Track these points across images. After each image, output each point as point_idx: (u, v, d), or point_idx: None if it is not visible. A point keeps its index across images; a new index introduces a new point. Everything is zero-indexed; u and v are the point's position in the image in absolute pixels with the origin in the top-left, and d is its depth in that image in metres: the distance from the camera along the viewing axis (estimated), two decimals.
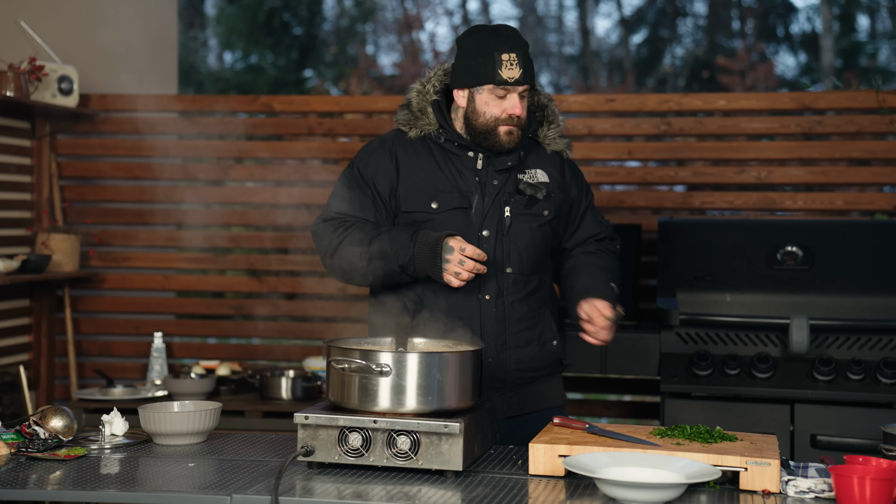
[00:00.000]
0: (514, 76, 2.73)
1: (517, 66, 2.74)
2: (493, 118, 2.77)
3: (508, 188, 2.83)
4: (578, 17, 17.66)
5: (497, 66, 2.73)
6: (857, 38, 16.14)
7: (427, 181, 2.82)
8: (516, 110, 2.76)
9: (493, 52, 2.74)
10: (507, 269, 2.81)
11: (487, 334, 2.80)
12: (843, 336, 3.80)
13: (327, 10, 17.25)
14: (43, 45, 4.92)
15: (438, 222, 2.79)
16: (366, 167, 2.86)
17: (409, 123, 2.87)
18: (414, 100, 2.88)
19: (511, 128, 2.77)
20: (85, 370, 5.22)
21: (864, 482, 2.07)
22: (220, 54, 17.61)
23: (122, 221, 5.27)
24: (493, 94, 2.76)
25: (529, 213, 2.84)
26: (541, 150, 2.92)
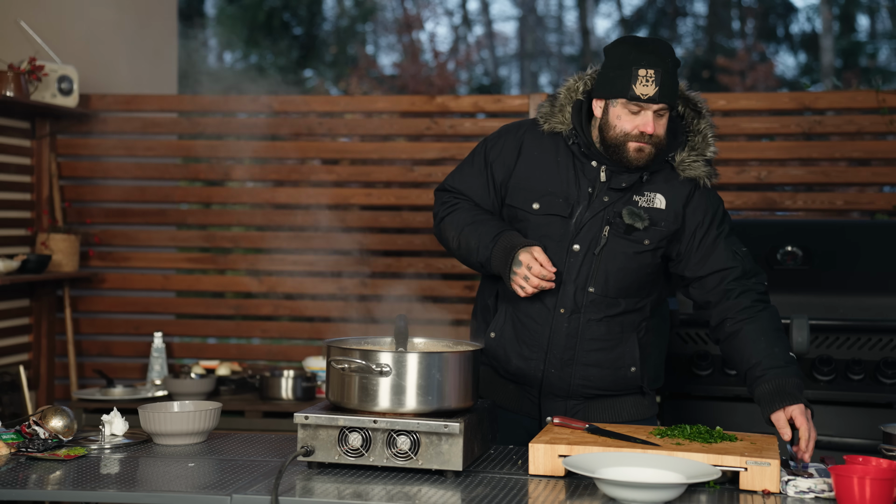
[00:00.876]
0: (648, 93, 2.62)
1: (653, 84, 2.62)
2: (623, 133, 2.67)
3: (617, 208, 2.73)
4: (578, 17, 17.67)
5: (632, 80, 2.62)
6: (857, 38, 16.14)
7: (538, 180, 2.77)
8: (647, 128, 2.64)
9: (631, 65, 2.63)
10: (590, 289, 2.73)
11: (555, 346, 2.75)
12: (843, 336, 3.80)
13: (327, 10, 17.25)
14: (43, 45, 4.92)
15: (534, 225, 2.75)
16: (492, 148, 2.85)
17: (546, 116, 2.82)
18: (562, 93, 2.82)
19: (642, 145, 2.66)
20: (85, 370, 5.22)
21: (864, 482, 2.08)
22: (220, 54, 17.61)
23: (122, 221, 5.26)
24: (627, 109, 2.66)
25: (628, 238, 2.73)
26: (673, 173, 2.77)
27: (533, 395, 2.83)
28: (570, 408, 2.81)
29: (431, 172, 5.03)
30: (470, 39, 17.51)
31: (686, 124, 2.83)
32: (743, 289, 2.72)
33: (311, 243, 5.11)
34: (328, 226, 5.06)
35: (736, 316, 2.70)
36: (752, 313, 2.69)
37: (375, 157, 5.13)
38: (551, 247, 2.73)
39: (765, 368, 2.60)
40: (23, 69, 4.64)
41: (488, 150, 2.85)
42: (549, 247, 2.72)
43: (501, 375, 2.85)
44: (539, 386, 2.80)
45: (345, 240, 5.02)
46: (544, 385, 2.80)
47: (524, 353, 2.78)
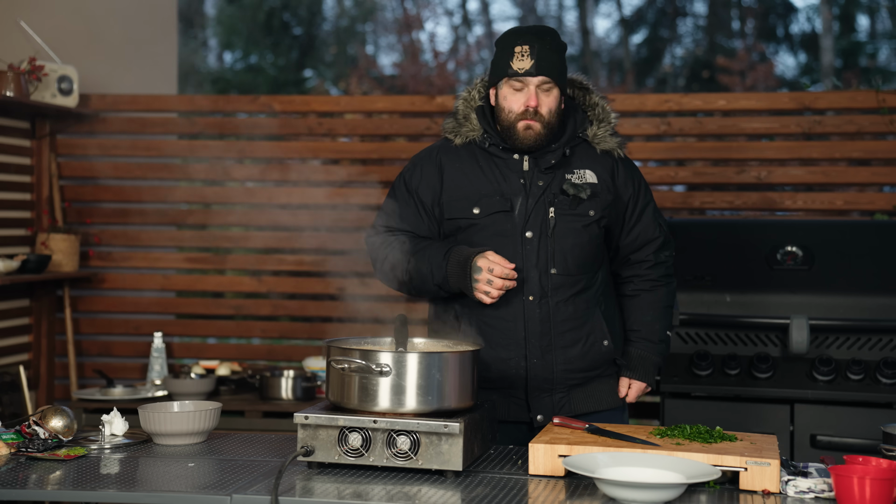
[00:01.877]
0: (525, 66, 2.72)
1: (528, 58, 2.72)
2: (510, 112, 2.77)
3: (553, 189, 2.81)
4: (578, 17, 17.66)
5: (510, 58, 2.74)
6: (856, 38, 16.14)
7: (470, 187, 2.83)
8: (531, 101, 2.73)
9: (508, 46, 2.76)
10: (552, 270, 2.79)
11: (532, 335, 2.78)
12: (843, 336, 3.80)
13: (327, 10, 17.25)
14: (43, 45, 4.92)
15: (481, 227, 2.80)
16: (411, 178, 2.90)
17: (454, 131, 2.89)
18: (460, 107, 2.91)
19: (529, 122, 2.75)
20: (85, 370, 5.22)
21: (864, 482, 2.08)
22: (220, 54, 17.61)
23: (122, 221, 5.27)
24: (511, 88, 2.76)
25: (574, 213, 2.81)
26: (591, 149, 2.88)
27: (519, 395, 2.83)
28: (557, 401, 2.83)
29: None
30: (470, 39, 17.51)
31: (579, 102, 2.93)
32: (657, 260, 2.94)
33: (311, 243, 5.11)
34: (328, 226, 5.06)
35: (641, 284, 2.94)
36: (654, 286, 2.94)
37: (375, 157, 5.13)
38: (504, 241, 2.78)
39: (640, 337, 2.92)
40: (23, 69, 4.64)
41: (408, 181, 2.90)
42: (501, 242, 2.78)
43: (483, 387, 2.80)
44: (524, 384, 2.81)
45: (345, 240, 5.02)
46: (529, 380, 2.80)
47: (501, 354, 2.79)
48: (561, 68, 2.78)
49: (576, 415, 2.83)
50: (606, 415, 2.88)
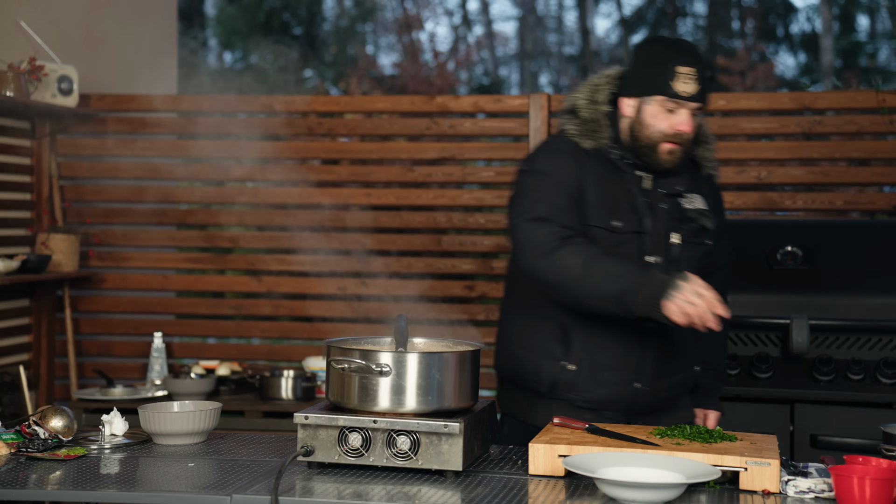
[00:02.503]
0: (689, 91, 2.60)
1: (693, 82, 2.60)
2: (658, 132, 2.63)
3: (674, 213, 2.71)
4: (578, 17, 17.67)
5: (672, 77, 2.60)
6: (856, 38, 16.15)
7: (610, 196, 2.67)
8: (684, 126, 2.61)
9: (670, 63, 2.61)
10: None
11: (647, 362, 2.71)
12: (843, 336, 3.80)
13: (327, 10, 17.26)
14: (43, 45, 4.92)
15: (615, 242, 2.66)
16: (556, 171, 2.67)
17: (583, 134, 2.71)
18: (584, 110, 2.72)
19: (674, 146, 2.64)
20: (85, 370, 5.22)
21: (864, 482, 2.07)
22: (220, 54, 17.62)
23: (122, 221, 5.26)
24: (663, 107, 2.63)
25: (695, 241, 2.73)
26: (696, 171, 2.79)
27: (619, 418, 2.75)
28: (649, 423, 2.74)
29: (431, 172, 5.03)
30: (470, 39, 17.52)
31: None
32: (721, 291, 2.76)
33: (311, 243, 5.11)
34: (328, 226, 5.06)
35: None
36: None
37: (375, 157, 5.13)
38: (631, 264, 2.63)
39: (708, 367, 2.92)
40: (23, 69, 4.64)
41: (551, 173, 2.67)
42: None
43: (578, 406, 2.74)
44: (626, 408, 2.74)
45: (345, 240, 5.02)
46: (633, 405, 2.74)
47: (612, 377, 2.71)
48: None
49: None
50: None
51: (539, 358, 2.75)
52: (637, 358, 2.70)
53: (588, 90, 2.74)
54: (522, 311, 2.79)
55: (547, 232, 2.59)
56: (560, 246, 2.56)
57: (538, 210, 2.63)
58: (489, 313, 5.04)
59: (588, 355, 2.70)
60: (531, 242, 2.61)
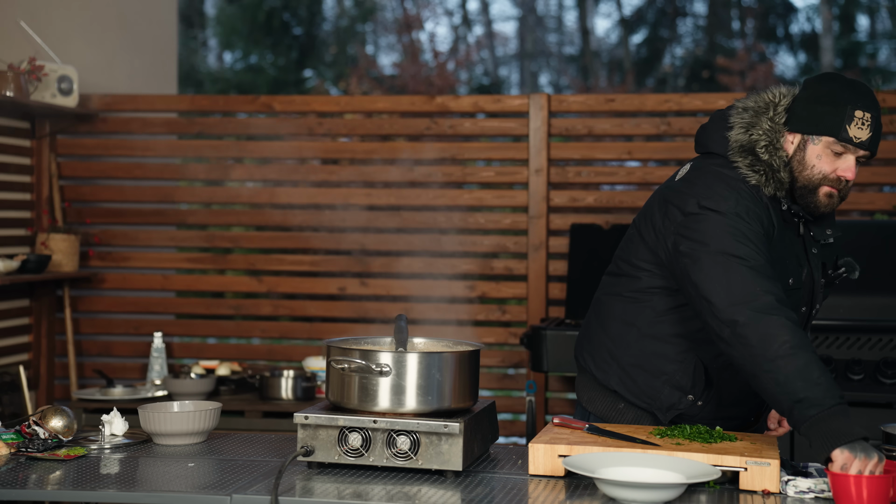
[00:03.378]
0: (862, 137, 2.39)
1: (868, 129, 2.40)
2: (820, 174, 2.44)
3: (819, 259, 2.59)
4: (578, 17, 17.67)
5: (848, 120, 2.40)
6: (856, 38, 16.15)
7: (785, 250, 2.48)
8: (849, 173, 2.43)
9: (847, 104, 2.40)
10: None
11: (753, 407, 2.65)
12: (843, 336, 3.80)
13: (327, 10, 17.26)
14: (43, 45, 4.92)
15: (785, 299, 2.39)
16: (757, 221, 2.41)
17: (763, 176, 2.45)
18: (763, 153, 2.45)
19: (834, 191, 2.45)
20: (85, 370, 5.22)
21: (861, 482, 2.07)
22: (220, 54, 17.63)
23: (122, 221, 5.27)
24: (830, 150, 2.43)
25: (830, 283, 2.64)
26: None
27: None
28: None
29: (431, 172, 5.03)
30: (470, 39, 17.52)
31: None
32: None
33: (311, 243, 5.12)
34: (328, 226, 5.06)
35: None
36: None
37: (375, 157, 5.13)
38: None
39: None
40: (23, 69, 4.64)
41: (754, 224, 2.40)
42: None
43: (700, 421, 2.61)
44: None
45: (345, 240, 5.02)
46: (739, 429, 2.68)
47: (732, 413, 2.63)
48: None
49: None
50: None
51: (662, 385, 2.59)
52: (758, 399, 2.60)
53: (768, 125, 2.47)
54: (650, 335, 2.61)
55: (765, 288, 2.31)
56: (774, 310, 2.27)
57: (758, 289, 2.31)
58: (489, 313, 5.04)
59: (717, 392, 2.59)
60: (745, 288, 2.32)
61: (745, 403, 2.63)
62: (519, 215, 5.04)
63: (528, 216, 4.96)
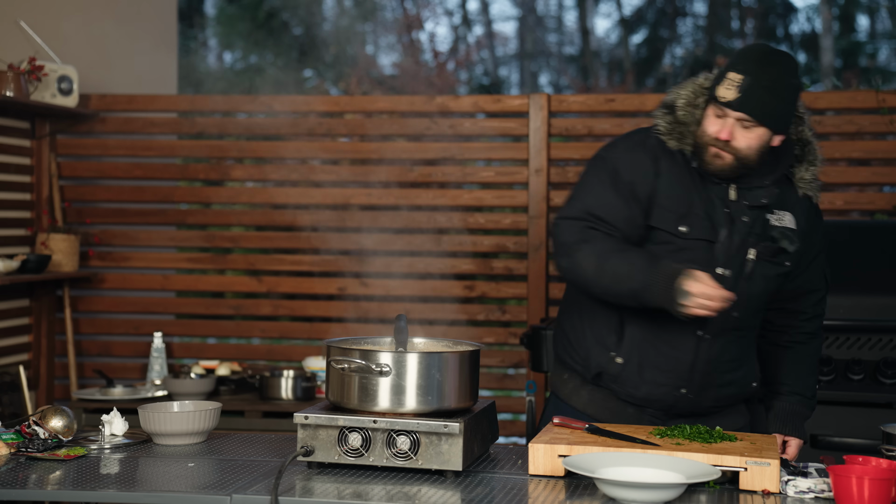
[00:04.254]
0: (726, 97, 2.49)
1: (734, 89, 2.48)
2: (706, 134, 2.56)
3: (757, 228, 2.62)
4: (578, 17, 17.67)
5: (719, 81, 2.53)
6: (856, 38, 16.14)
7: (682, 200, 2.60)
8: (722, 133, 2.51)
9: (727, 68, 2.53)
10: (734, 313, 2.60)
11: (697, 372, 2.66)
12: (843, 336, 3.80)
13: (327, 10, 17.25)
14: (43, 45, 4.92)
15: (677, 248, 2.59)
16: (626, 166, 2.62)
17: (671, 134, 2.63)
18: (681, 109, 2.64)
19: (719, 151, 2.54)
20: (85, 370, 5.22)
21: (863, 482, 2.07)
22: (220, 54, 17.62)
23: (122, 221, 5.27)
24: (713, 111, 2.55)
25: (773, 260, 2.65)
26: (792, 190, 2.69)
27: (659, 416, 2.73)
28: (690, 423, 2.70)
29: (431, 172, 5.03)
30: (470, 39, 17.51)
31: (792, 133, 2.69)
32: (814, 313, 2.82)
33: (311, 243, 5.11)
34: (328, 226, 5.06)
35: (796, 336, 2.81)
36: (810, 339, 2.82)
37: (375, 157, 5.13)
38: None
39: (792, 391, 2.79)
40: (23, 69, 4.64)
41: (620, 167, 2.62)
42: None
43: (621, 398, 2.71)
44: (668, 409, 2.71)
45: (345, 240, 5.02)
46: (676, 409, 2.70)
47: (658, 379, 2.66)
48: (773, 108, 2.51)
49: None
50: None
51: (590, 345, 2.71)
52: (687, 365, 2.65)
53: (692, 91, 2.66)
54: (581, 299, 2.75)
55: (574, 230, 2.58)
56: (579, 245, 2.55)
57: (577, 206, 2.61)
58: (489, 313, 5.04)
59: (638, 352, 2.65)
60: (558, 241, 2.61)
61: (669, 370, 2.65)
62: (519, 215, 5.04)
63: (528, 216, 4.96)
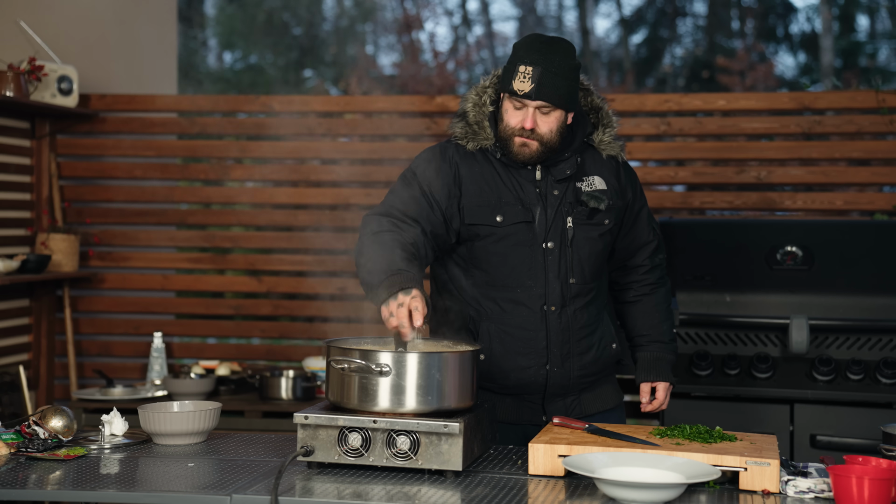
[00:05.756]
0: (524, 89, 2.67)
1: (529, 81, 2.66)
2: (509, 128, 2.74)
3: (569, 198, 2.80)
4: (578, 17, 17.67)
5: (513, 75, 2.69)
6: (856, 38, 16.14)
7: (491, 194, 2.77)
8: (527, 123, 2.70)
9: (516, 61, 2.70)
10: (571, 280, 2.79)
11: (553, 345, 2.79)
12: (843, 336, 3.80)
13: (327, 10, 17.25)
14: (43, 45, 4.92)
15: (501, 236, 2.76)
16: (424, 172, 2.79)
17: (466, 136, 2.82)
18: (470, 112, 2.83)
19: (525, 140, 2.72)
20: (85, 370, 5.22)
21: (863, 482, 2.08)
22: (220, 54, 17.62)
23: (122, 221, 5.27)
24: (511, 104, 2.72)
25: (591, 222, 2.81)
26: (596, 154, 2.88)
27: (535, 401, 2.84)
28: (569, 404, 2.85)
29: None
30: (470, 39, 17.51)
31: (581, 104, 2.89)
32: (652, 264, 2.99)
33: (311, 243, 5.11)
34: (328, 226, 5.06)
35: (641, 289, 2.99)
36: (654, 289, 2.99)
37: (375, 157, 5.13)
38: (525, 251, 2.76)
39: (650, 340, 2.96)
40: (23, 69, 4.64)
41: (420, 175, 2.79)
42: (523, 252, 2.76)
43: (496, 392, 2.83)
44: (542, 390, 2.82)
45: (345, 240, 5.02)
46: (548, 388, 2.81)
47: (521, 363, 2.79)
48: (565, 91, 2.70)
49: (585, 415, 2.87)
50: (610, 414, 2.93)
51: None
52: (543, 341, 2.78)
53: (475, 94, 2.84)
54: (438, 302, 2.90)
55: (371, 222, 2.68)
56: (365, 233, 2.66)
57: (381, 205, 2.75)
58: None
59: (498, 344, 2.78)
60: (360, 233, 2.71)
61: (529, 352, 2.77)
62: None
63: None
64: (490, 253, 2.77)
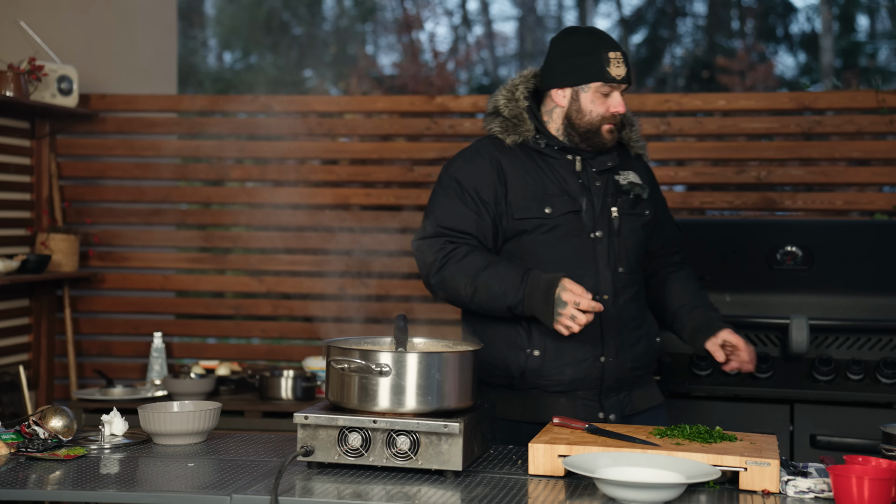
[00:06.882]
0: (622, 74, 2.76)
1: (623, 65, 2.77)
2: (598, 116, 2.79)
3: (610, 189, 2.85)
4: (578, 17, 17.66)
5: (605, 63, 2.75)
6: (856, 38, 16.14)
7: (536, 186, 2.80)
8: (620, 108, 2.79)
9: (599, 50, 2.77)
10: (620, 269, 2.83)
11: (607, 334, 2.79)
12: (843, 336, 3.80)
13: (327, 10, 17.25)
14: (43, 46, 4.92)
15: (551, 227, 2.78)
16: (466, 176, 2.80)
17: (506, 130, 2.85)
18: (504, 109, 2.86)
19: (612, 126, 2.81)
20: (85, 370, 5.22)
21: (863, 482, 2.07)
22: (220, 54, 17.62)
23: (122, 221, 5.27)
24: (599, 93, 2.78)
25: (634, 212, 2.87)
26: (626, 152, 2.96)
27: (592, 397, 2.82)
28: (622, 400, 2.85)
29: (431, 172, 5.03)
30: (470, 39, 17.51)
31: None
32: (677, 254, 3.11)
33: (311, 243, 5.11)
34: (328, 226, 5.06)
35: (669, 267, 3.07)
36: (680, 266, 3.09)
37: (375, 157, 5.13)
38: (576, 241, 2.78)
39: (693, 307, 2.96)
40: (23, 69, 4.64)
41: (462, 180, 2.80)
42: (574, 242, 2.78)
43: (551, 392, 2.80)
44: (599, 385, 2.81)
45: (345, 240, 5.02)
46: (605, 381, 2.80)
47: (577, 355, 2.78)
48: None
49: (636, 412, 2.88)
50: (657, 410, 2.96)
51: (504, 350, 2.81)
52: (598, 332, 2.78)
53: (506, 91, 2.89)
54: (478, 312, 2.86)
55: (434, 248, 2.75)
56: (444, 262, 2.72)
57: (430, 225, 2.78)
58: None
59: (550, 338, 2.76)
60: (422, 262, 2.78)
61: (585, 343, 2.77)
62: None
63: None
64: (539, 245, 2.78)
